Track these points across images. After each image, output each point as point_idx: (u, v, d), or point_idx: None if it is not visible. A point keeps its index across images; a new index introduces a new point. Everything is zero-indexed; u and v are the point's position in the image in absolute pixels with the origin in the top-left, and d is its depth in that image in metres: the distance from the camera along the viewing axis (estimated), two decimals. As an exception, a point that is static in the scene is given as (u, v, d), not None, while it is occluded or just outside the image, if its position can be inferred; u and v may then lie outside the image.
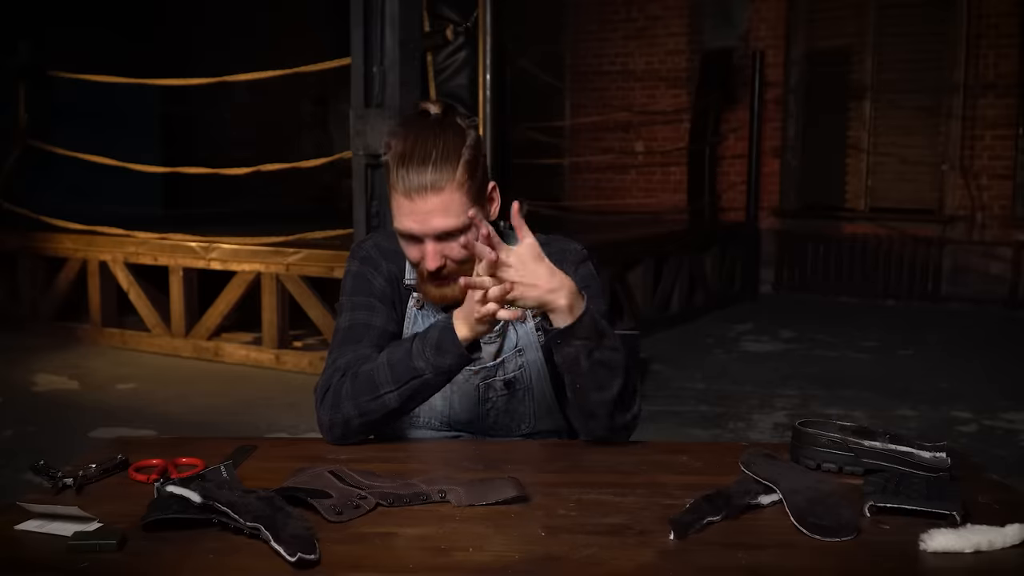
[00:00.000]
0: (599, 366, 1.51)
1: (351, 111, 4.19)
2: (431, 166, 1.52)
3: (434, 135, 1.55)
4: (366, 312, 1.66)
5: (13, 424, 4.21)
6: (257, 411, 4.52)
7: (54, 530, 1.19)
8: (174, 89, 6.66)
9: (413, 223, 1.54)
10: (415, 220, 1.54)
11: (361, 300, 1.68)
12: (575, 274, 1.69)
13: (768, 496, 1.29)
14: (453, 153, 1.54)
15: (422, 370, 1.52)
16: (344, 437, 1.57)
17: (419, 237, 1.55)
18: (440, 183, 1.52)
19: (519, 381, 1.69)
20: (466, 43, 4.75)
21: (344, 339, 1.64)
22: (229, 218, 6.52)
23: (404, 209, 1.54)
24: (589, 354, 1.50)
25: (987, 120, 7.57)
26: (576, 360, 1.51)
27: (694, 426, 4.27)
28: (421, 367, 1.52)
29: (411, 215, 1.54)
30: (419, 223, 1.54)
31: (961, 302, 7.61)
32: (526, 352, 1.68)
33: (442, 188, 1.52)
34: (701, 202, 8.10)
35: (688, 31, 8.75)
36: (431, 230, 1.54)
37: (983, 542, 1.13)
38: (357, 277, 1.70)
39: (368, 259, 1.71)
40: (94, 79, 6.06)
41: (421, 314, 1.69)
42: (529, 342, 1.68)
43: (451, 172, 1.53)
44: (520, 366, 1.68)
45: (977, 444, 3.94)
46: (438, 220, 1.53)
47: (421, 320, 1.68)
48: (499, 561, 1.12)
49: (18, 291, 6.39)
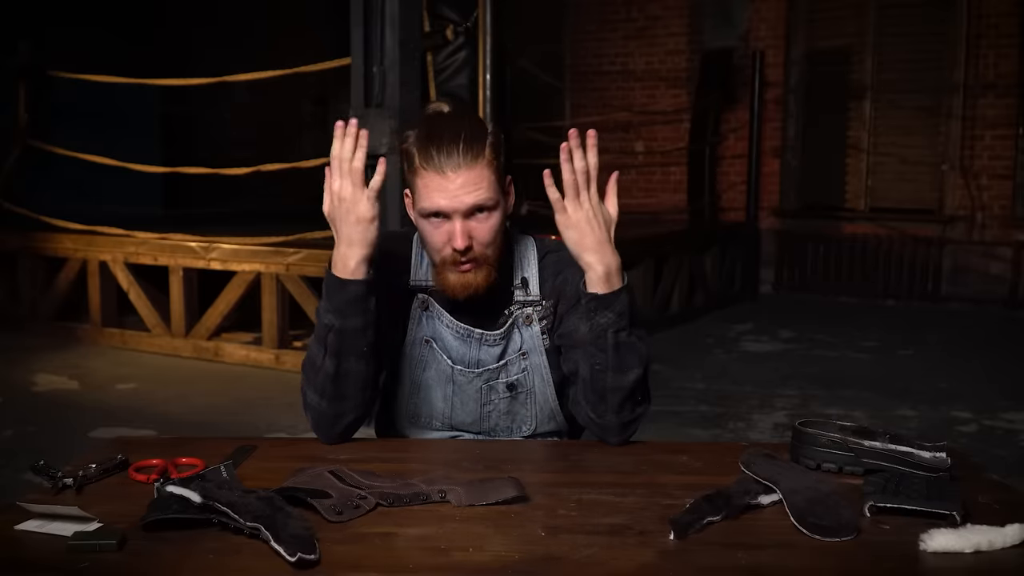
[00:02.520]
0: (625, 347, 1.53)
1: (351, 111, 4.19)
2: (462, 143, 1.54)
3: (459, 118, 1.60)
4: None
5: (13, 424, 4.21)
6: (257, 411, 4.52)
7: (54, 530, 1.18)
8: (174, 89, 6.66)
9: (444, 199, 1.55)
10: (446, 196, 1.54)
11: None
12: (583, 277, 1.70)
13: (768, 496, 1.29)
14: (480, 133, 1.58)
15: (330, 322, 1.54)
16: (329, 429, 1.58)
17: (448, 215, 1.56)
18: (471, 158, 1.55)
19: (522, 384, 1.68)
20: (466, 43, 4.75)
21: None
22: (229, 218, 6.51)
23: (434, 186, 1.55)
24: (617, 332, 1.52)
25: (987, 120, 7.56)
26: (604, 333, 1.52)
27: (694, 426, 4.27)
28: (328, 320, 1.55)
29: (441, 191, 1.54)
30: (450, 199, 1.54)
31: (961, 302, 7.61)
32: (530, 355, 1.68)
33: (473, 163, 1.55)
34: (701, 202, 8.10)
35: (688, 31, 8.75)
36: (462, 205, 1.55)
37: (983, 542, 1.13)
38: None
39: None
40: (94, 79, 6.05)
41: (425, 315, 1.68)
42: (534, 345, 1.68)
43: (481, 148, 1.56)
44: (524, 369, 1.68)
45: (977, 444, 3.94)
46: (469, 195, 1.54)
47: (425, 322, 1.68)
48: (499, 561, 1.12)
49: (18, 291, 6.38)
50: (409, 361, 1.69)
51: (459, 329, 1.66)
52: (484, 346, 1.66)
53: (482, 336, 1.66)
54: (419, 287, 1.69)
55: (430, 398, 1.69)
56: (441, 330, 1.67)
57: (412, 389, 1.70)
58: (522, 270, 1.69)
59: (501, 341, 1.67)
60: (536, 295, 1.68)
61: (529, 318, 1.66)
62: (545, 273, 1.68)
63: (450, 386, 1.67)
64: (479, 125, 1.60)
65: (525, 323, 1.66)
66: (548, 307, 1.67)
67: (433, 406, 1.69)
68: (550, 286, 1.67)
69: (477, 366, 1.67)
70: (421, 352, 1.68)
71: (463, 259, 1.57)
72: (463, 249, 1.55)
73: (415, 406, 1.70)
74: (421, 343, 1.68)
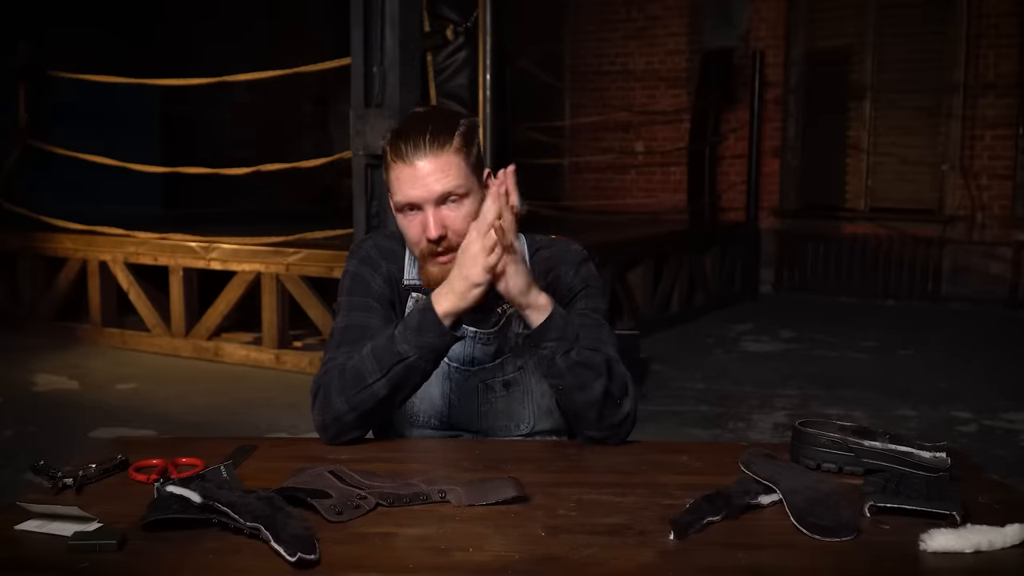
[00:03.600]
0: (578, 366, 1.53)
1: (351, 111, 4.19)
2: (428, 133, 1.58)
3: (430, 113, 1.67)
4: (363, 313, 1.66)
5: (13, 424, 4.21)
6: (257, 411, 4.52)
7: (54, 530, 1.19)
8: (174, 89, 6.66)
9: (413, 189, 1.57)
10: (415, 186, 1.57)
11: (358, 301, 1.67)
12: (576, 275, 1.70)
13: (768, 496, 1.29)
14: (449, 123, 1.61)
15: (405, 353, 1.52)
16: (339, 435, 1.57)
17: (419, 206, 1.58)
18: (438, 147, 1.57)
19: (518, 383, 1.68)
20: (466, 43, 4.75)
21: (340, 340, 1.63)
22: (229, 218, 6.51)
23: (404, 177, 1.58)
24: (566, 354, 1.52)
25: (987, 120, 7.56)
26: (552, 360, 1.53)
27: (694, 426, 4.27)
28: (404, 350, 1.52)
29: (411, 181, 1.57)
30: (420, 188, 1.57)
31: (961, 302, 7.61)
32: (525, 352, 1.68)
33: (440, 151, 1.57)
34: (701, 202, 8.10)
35: (688, 31, 8.75)
36: (431, 194, 1.57)
37: (983, 542, 1.13)
38: (355, 277, 1.70)
39: (367, 259, 1.71)
40: (94, 79, 6.05)
41: None
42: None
43: (448, 138, 1.58)
44: (519, 367, 1.68)
45: (977, 444, 3.94)
46: (438, 182, 1.56)
47: None
48: (499, 561, 1.12)
49: (18, 291, 6.38)
50: None
51: None
52: (479, 344, 1.66)
53: (476, 334, 1.66)
54: (412, 286, 1.70)
55: (428, 396, 1.69)
56: None
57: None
58: None
59: (495, 339, 1.67)
60: None
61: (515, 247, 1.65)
62: (537, 270, 1.66)
63: (447, 383, 1.67)
64: (449, 117, 1.64)
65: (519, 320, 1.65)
66: None
67: (432, 404, 1.69)
68: (542, 283, 1.64)
69: (472, 364, 1.67)
70: None
71: (439, 249, 1.58)
72: (436, 238, 1.57)
73: (413, 406, 1.70)
74: None
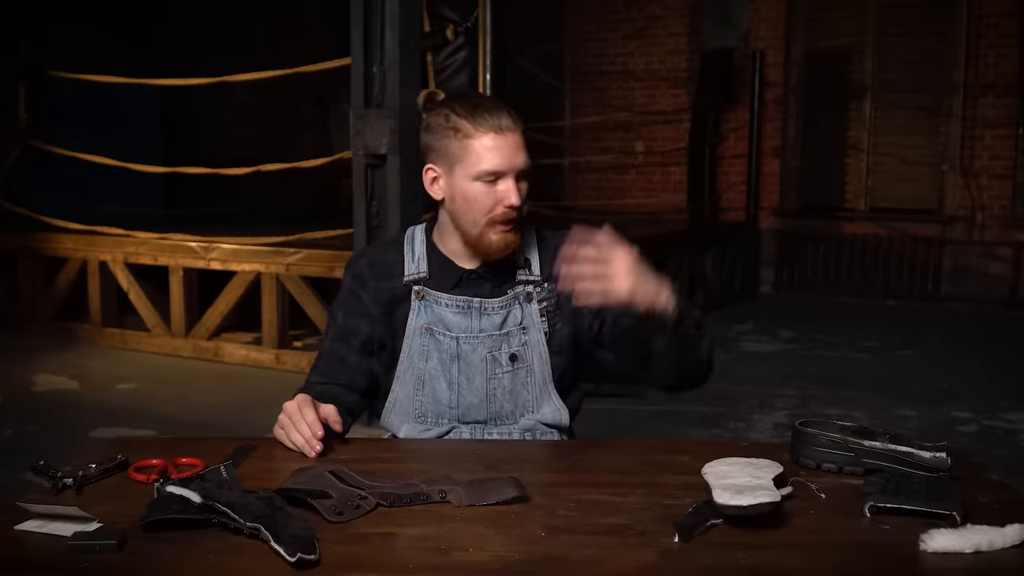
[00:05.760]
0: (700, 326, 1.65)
1: (351, 111, 4.19)
2: (505, 110, 1.66)
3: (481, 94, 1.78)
4: (343, 346, 1.75)
5: (13, 424, 4.21)
6: (257, 411, 4.52)
7: (54, 530, 1.19)
8: (174, 89, 6.65)
9: (501, 159, 1.63)
10: (503, 156, 1.63)
11: (346, 324, 1.76)
12: None
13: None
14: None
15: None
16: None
17: (502, 174, 1.64)
18: (516, 123, 1.66)
19: (522, 358, 1.71)
20: (466, 43, 4.74)
21: (326, 364, 1.77)
22: (229, 218, 6.51)
23: (492, 146, 1.63)
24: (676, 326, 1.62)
25: (987, 120, 7.56)
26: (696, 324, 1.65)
27: (694, 426, 4.27)
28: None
29: (497, 151, 1.63)
30: (507, 159, 1.64)
31: (961, 302, 7.61)
32: (530, 331, 1.72)
33: (516, 128, 1.66)
34: (701, 202, 8.10)
35: (688, 31, 8.75)
36: (517, 165, 1.65)
37: (983, 542, 1.13)
38: (348, 294, 1.78)
39: (358, 277, 1.78)
40: (94, 79, 6.05)
41: (423, 304, 1.73)
42: (533, 322, 1.72)
43: (518, 116, 1.67)
44: (524, 343, 1.71)
45: (977, 444, 3.94)
46: (519, 156, 1.65)
47: (424, 310, 1.72)
48: (499, 561, 1.12)
49: (18, 291, 6.38)
50: (411, 356, 1.72)
51: (459, 303, 1.71)
52: (484, 315, 1.71)
53: (481, 304, 1.71)
54: (413, 280, 1.74)
55: (435, 389, 1.71)
56: (440, 312, 1.71)
57: (417, 385, 1.72)
58: (524, 252, 1.75)
59: (501, 310, 1.71)
60: (537, 275, 1.73)
61: (530, 295, 1.72)
62: (545, 256, 1.74)
63: (455, 366, 1.70)
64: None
65: (526, 300, 1.72)
66: (548, 290, 1.72)
67: (439, 398, 1.71)
68: (550, 270, 1.71)
69: (480, 332, 1.71)
70: (422, 342, 1.72)
71: (512, 217, 1.66)
72: (519, 206, 1.64)
73: (421, 404, 1.72)
74: (421, 332, 1.72)
